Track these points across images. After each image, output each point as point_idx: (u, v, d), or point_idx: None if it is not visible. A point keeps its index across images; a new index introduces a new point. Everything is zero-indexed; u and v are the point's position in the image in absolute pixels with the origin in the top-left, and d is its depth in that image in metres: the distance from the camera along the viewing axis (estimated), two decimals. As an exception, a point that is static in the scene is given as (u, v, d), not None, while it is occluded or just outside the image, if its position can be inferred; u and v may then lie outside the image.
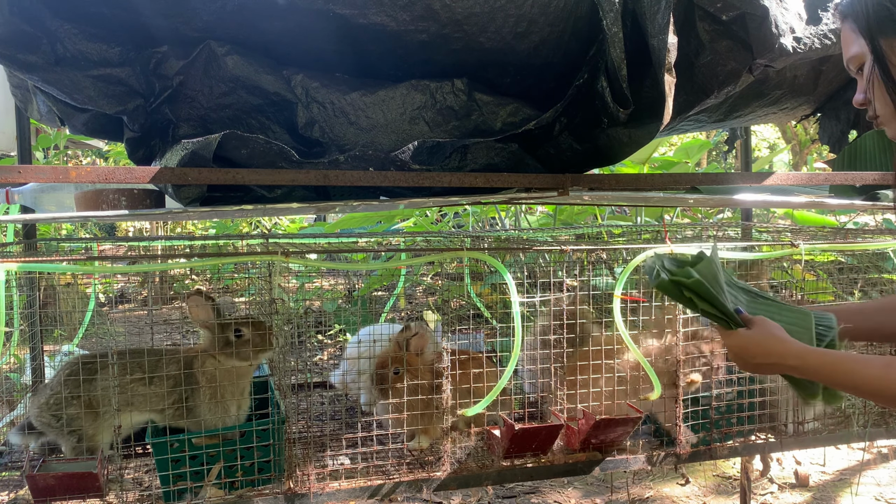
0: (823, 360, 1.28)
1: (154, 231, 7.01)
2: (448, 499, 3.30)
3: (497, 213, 5.77)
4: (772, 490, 3.42)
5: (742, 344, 1.33)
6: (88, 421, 1.77)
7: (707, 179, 1.85)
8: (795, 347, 1.31)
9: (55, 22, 1.57)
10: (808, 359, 1.28)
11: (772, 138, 13.90)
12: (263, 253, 1.74)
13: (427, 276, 5.45)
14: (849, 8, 1.31)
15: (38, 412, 1.80)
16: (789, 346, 1.31)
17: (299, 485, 1.71)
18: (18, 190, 2.23)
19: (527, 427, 1.83)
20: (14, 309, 2.05)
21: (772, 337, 1.32)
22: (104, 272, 1.80)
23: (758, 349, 1.32)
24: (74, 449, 1.78)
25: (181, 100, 1.71)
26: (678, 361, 1.94)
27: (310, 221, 7.67)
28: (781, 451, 2.23)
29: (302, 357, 3.09)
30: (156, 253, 2.48)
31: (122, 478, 1.73)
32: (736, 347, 1.34)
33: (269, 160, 1.60)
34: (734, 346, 1.35)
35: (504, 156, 1.73)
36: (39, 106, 1.86)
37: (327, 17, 1.58)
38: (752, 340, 1.33)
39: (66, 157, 7.99)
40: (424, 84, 1.70)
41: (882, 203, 2.06)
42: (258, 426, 1.73)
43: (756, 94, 2.04)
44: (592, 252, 1.95)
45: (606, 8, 1.56)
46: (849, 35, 1.32)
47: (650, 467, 1.97)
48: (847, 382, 1.25)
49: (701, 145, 5.20)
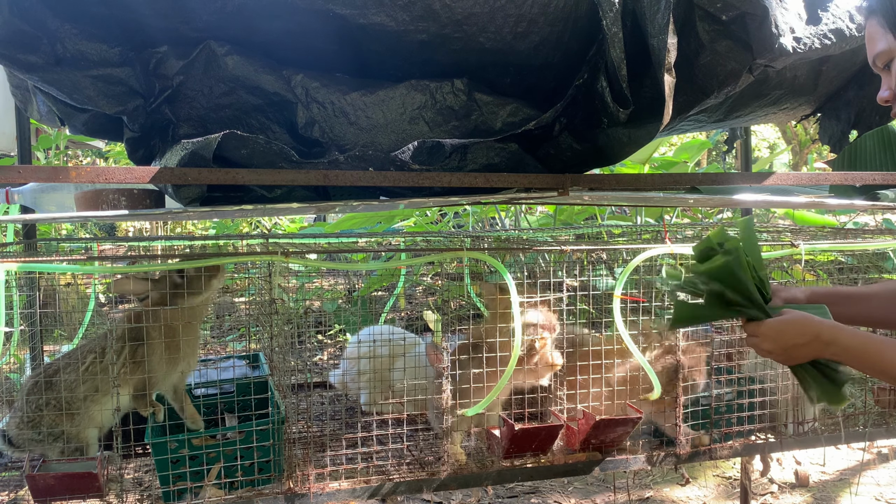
0: (855, 338, 1.29)
1: (154, 231, 7.01)
2: (448, 499, 3.30)
3: (497, 213, 5.77)
4: (772, 490, 3.42)
5: (779, 328, 1.32)
6: (67, 423, 1.76)
7: (707, 179, 1.85)
8: (829, 324, 1.31)
9: (55, 22, 1.57)
10: (841, 336, 1.29)
11: (772, 138, 13.90)
12: (263, 253, 1.74)
13: (427, 276, 5.45)
14: (877, 3, 1.31)
15: (17, 432, 1.78)
16: (823, 322, 1.31)
17: (299, 485, 1.71)
18: (18, 190, 2.23)
19: (527, 427, 1.83)
20: (14, 309, 2.05)
21: (803, 317, 1.33)
22: (104, 272, 1.79)
23: (795, 330, 1.31)
24: (63, 453, 1.77)
25: (181, 100, 1.71)
26: (679, 364, 1.94)
27: (310, 221, 7.66)
28: (781, 451, 2.22)
29: (302, 357, 3.09)
30: (156, 253, 2.48)
31: (122, 478, 1.73)
32: (773, 332, 1.33)
33: (269, 160, 1.59)
34: (770, 331, 1.33)
35: (504, 156, 1.73)
36: (39, 106, 1.86)
37: (327, 17, 1.57)
38: (786, 323, 1.32)
39: (66, 157, 7.98)
40: (424, 84, 1.70)
41: (882, 203, 2.06)
42: (258, 426, 1.73)
43: (756, 94, 2.04)
44: (592, 252, 1.95)
45: (606, 8, 1.56)
46: (876, 31, 1.31)
47: (650, 467, 1.97)
48: (875, 364, 1.26)
49: (701, 145, 5.20)
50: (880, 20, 1.30)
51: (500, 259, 1.86)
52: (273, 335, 1.83)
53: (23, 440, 1.78)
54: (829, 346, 1.29)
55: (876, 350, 1.26)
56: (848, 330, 1.30)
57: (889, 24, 1.28)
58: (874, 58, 1.33)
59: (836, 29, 1.71)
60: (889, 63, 1.31)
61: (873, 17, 1.32)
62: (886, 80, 1.33)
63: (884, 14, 1.29)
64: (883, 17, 1.29)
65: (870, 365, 1.28)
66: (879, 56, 1.32)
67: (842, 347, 1.29)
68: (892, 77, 1.32)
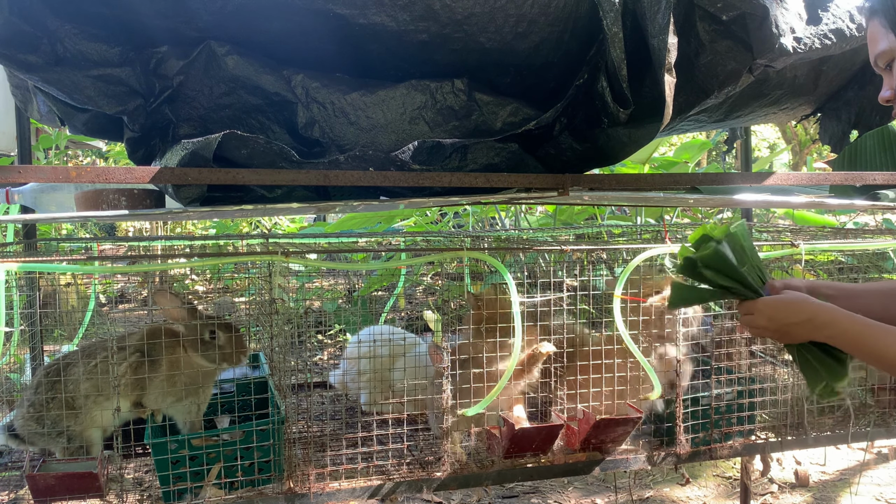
0: (853, 322, 1.29)
1: (154, 231, 7.01)
2: (448, 499, 3.30)
3: (497, 213, 5.77)
4: (772, 490, 3.42)
5: (774, 305, 1.34)
6: (70, 420, 1.77)
7: (707, 179, 1.85)
8: (826, 306, 1.32)
9: (55, 22, 1.57)
10: (838, 317, 1.29)
11: (772, 138, 13.90)
12: (263, 253, 1.74)
13: (427, 276, 5.45)
14: (878, 4, 1.32)
15: (22, 423, 1.79)
16: (821, 305, 1.32)
17: (299, 485, 1.71)
18: (18, 190, 2.23)
19: (527, 427, 1.83)
20: (14, 309, 2.05)
21: (801, 297, 1.34)
22: (104, 272, 1.79)
23: (790, 308, 1.32)
24: (66, 450, 1.78)
25: (181, 100, 1.71)
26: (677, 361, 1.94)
27: (310, 221, 7.66)
28: (781, 451, 2.23)
29: (302, 357, 3.09)
30: (156, 253, 2.48)
31: (122, 478, 1.73)
32: (769, 310, 1.34)
33: (269, 160, 1.59)
34: (766, 308, 1.34)
35: (504, 156, 1.73)
36: (39, 106, 1.86)
37: (327, 17, 1.57)
38: (782, 301, 1.34)
39: (66, 157, 7.99)
40: (424, 84, 1.70)
41: (882, 203, 2.06)
42: (258, 426, 1.72)
43: (756, 94, 2.04)
44: (592, 252, 1.95)
45: (606, 8, 1.56)
46: (878, 31, 1.33)
47: (650, 467, 1.97)
48: (872, 349, 1.26)
49: (701, 145, 5.20)
50: (882, 20, 1.31)
51: (500, 259, 1.86)
52: (273, 335, 1.83)
53: (29, 433, 1.79)
54: (825, 327, 1.29)
55: (872, 334, 1.25)
56: (845, 313, 1.30)
57: (890, 25, 1.30)
58: (876, 58, 1.35)
59: (837, 29, 1.71)
60: (890, 63, 1.32)
61: (875, 18, 1.33)
62: (888, 80, 1.34)
63: (885, 14, 1.31)
64: (884, 18, 1.31)
65: (867, 350, 1.27)
66: (881, 56, 1.33)
67: (839, 330, 1.29)
68: (893, 77, 1.33)
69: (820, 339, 1.32)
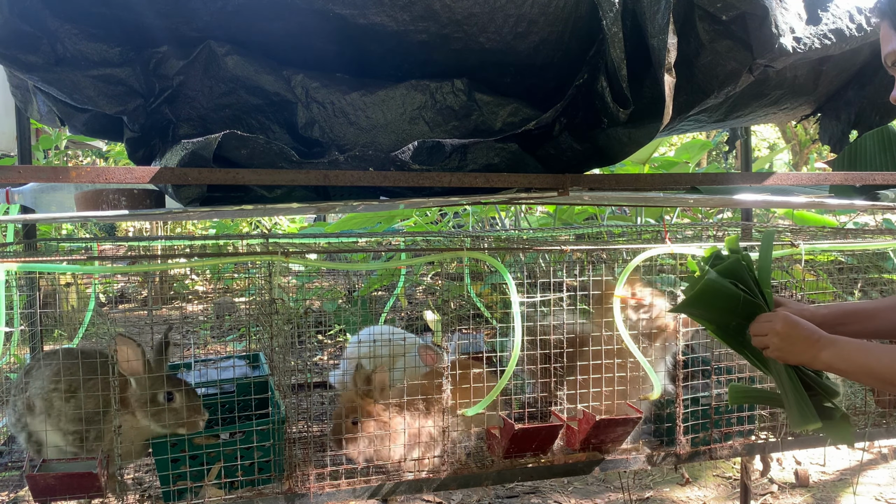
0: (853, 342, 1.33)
1: (154, 231, 7.01)
2: (448, 499, 3.30)
3: (497, 213, 5.77)
4: (772, 490, 3.42)
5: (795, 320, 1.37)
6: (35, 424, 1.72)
7: (707, 179, 1.85)
8: (826, 333, 1.36)
9: (55, 22, 1.57)
10: (840, 339, 1.34)
11: (772, 138, 13.90)
12: (263, 253, 1.74)
13: (427, 276, 5.45)
14: (887, 6, 1.35)
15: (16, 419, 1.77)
16: (820, 331, 1.37)
17: (299, 485, 1.71)
18: (18, 190, 2.23)
19: (527, 427, 1.83)
20: (14, 309, 2.06)
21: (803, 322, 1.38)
22: (104, 272, 1.79)
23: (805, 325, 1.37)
24: (38, 453, 1.74)
25: (181, 100, 1.71)
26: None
27: (310, 221, 7.67)
28: (781, 451, 2.22)
29: (302, 357, 3.09)
30: (156, 253, 2.48)
31: (122, 478, 1.73)
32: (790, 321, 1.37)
33: (269, 160, 1.59)
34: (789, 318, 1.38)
35: (504, 156, 1.73)
36: (39, 106, 1.86)
37: (327, 17, 1.57)
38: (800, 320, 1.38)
39: (66, 157, 7.98)
40: (424, 84, 1.70)
41: (882, 203, 2.06)
42: (258, 426, 1.72)
43: (756, 94, 2.04)
44: (592, 252, 1.94)
45: (606, 8, 1.56)
46: (887, 32, 1.37)
47: (650, 467, 1.97)
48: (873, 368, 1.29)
49: (701, 145, 5.20)
50: (890, 22, 1.35)
51: (500, 259, 1.86)
52: (273, 335, 1.83)
53: (17, 430, 1.77)
54: (828, 347, 1.32)
55: (871, 352, 1.28)
56: (845, 338, 1.35)
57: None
58: (885, 57, 1.39)
59: (836, 29, 1.71)
60: None
61: (885, 20, 1.36)
62: None
63: (892, 17, 1.33)
64: (891, 20, 1.34)
65: (868, 369, 1.30)
66: (890, 55, 1.36)
67: (841, 349, 1.31)
68: None
69: (818, 364, 1.35)
